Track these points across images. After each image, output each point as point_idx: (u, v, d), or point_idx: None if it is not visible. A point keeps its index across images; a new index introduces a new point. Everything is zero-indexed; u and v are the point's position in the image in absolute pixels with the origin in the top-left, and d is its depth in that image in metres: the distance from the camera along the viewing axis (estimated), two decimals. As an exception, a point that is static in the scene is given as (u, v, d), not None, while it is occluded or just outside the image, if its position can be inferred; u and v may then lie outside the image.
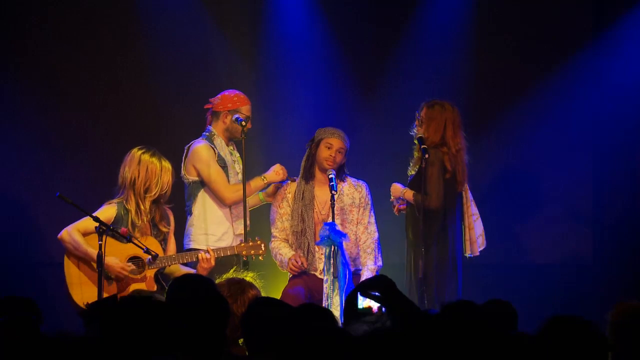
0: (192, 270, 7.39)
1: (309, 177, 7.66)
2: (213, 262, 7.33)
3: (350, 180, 7.73)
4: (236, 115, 7.62)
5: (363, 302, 3.87)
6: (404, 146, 7.88)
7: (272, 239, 7.70)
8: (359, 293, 3.79)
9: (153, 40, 9.12)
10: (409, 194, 7.51)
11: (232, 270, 6.98)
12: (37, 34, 9.04)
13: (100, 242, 6.79)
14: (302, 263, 7.48)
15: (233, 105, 7.67)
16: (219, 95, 7.73)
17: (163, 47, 9.12)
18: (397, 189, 7.61)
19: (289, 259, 7.52)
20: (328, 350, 3.27)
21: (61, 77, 9.05)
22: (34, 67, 9.04)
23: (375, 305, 3.82)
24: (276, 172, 7.69)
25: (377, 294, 3.66)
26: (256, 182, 7.66)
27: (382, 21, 9.46)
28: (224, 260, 7.42)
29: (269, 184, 7.74)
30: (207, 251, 7.34)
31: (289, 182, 7.73)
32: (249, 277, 5.95)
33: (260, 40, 9.36)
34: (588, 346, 3.43)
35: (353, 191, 7.69)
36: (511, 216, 9.45)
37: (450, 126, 7.56)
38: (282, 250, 7.62)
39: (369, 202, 7.72)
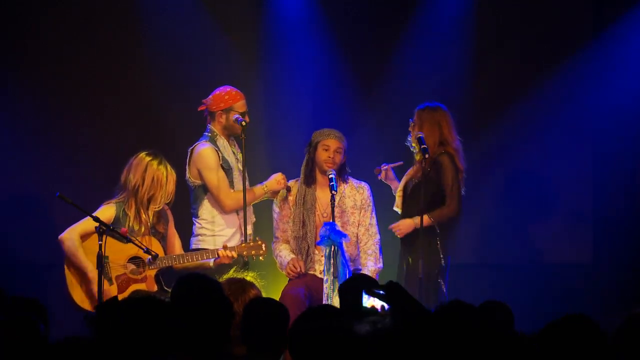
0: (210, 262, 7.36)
1: (310, 181, 7.64)
2: (235, 255, 7.32)
3: (352, 181, 7.72)
4: (236, 116, 7.59)
5: (367, 301, 3.87)
6: (404, 147, 7.87)
7: (274, 240, 7.74)
8: (363, 291, 3.79)
9: (154, 40, 9.12)
10: (426, 218, 7.44)
11: (232, 271, 6.98)
12: (37, 34, 9.04)
13: (100, 242, 6.78)
14: (300, 268, 7.50)
15: (225, 103, 7.62)
16: (211, 95, 7.67)
17: (164, 47, 9.11)
18: (408, 224, 7.51)
19: (288, 262, 7.54)
20: (329, 350, 3.27)
21: (61, 77, 9.05)
22: (34, 67, 9.03)
23: (379, 305, 3.81)
24: (277, 181, 7.66)
25: (381, 292, 3.66)
26: (258, 190, 7.65)
27: (383, 21, 9.46)
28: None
29: (270, 192, 7.75)
30: (224, 248, 7.32)
31: (290, 183, 7.73)
32: (249, 276, 5.95)
33: (260, 40, 9.36)
34: (592, 345, 3.42)
35: (355, 193, 7.68)
36: (511, 217, 9.44)
37: (445, 124, 7.57)
38: (283, 252, 7.65)
39: (371, 204, 7.71)
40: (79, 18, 9.06)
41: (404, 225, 7.52)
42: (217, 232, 7.62)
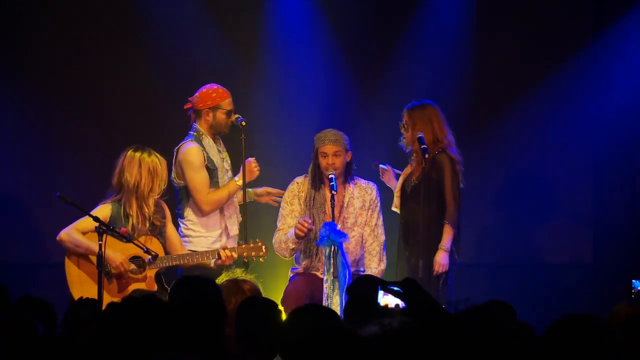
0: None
1: (317, 184, 7.59)
2: (236, 255, 7.31)
3: (360, 182, 7.68)
4: (239, 118, 7.56)
5: (381, 300, 3.85)
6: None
7: (277, 232, 7.64)
8: (379, 288, 3.77)
9: (154, 41, 9.12)
10: (448, 230, 7.46)
11: (224, 273, 6.99)
12: (37, 35, 9.04)
13: (100, 242, 6.77)
14: (308, 224, 7.32)
15: (213, 101, 7.56)
16: (197, 93, 7.59)
17: (164, 47, 9.12)
18: (442, 255, 7.45)
19: (297, 221, 7.40)
20: (330, 350, 3.27)
21: (62, 77, 9.05)
22: (34, 68, 9.04)
23: (393, 303, 3.79)
24: (251, 171, 7.57)
25: (398, 289, 3.64)
26: (231, 186, 7.54)
27: (383, 21, 9.46)
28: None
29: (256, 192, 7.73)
30: (224, 248, 7.31)
31: (299, 180, 7.67)
32: (237, 273, 5.98)
33: (260, 39, 9.35)
34: (599, 344, 3.40)
35: (364, 194, 7.64)
36: (511, 217, 9.45)
37: (435, 120, 7.56)
38: (288, 230, 7.55)
39: (378, 204, 7.67)
40: (79, 18, 9.07)
41: (441, 259, 7.44)
42: (203, 233, 7.58)
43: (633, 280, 6.98)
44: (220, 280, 5.49)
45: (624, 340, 4.00)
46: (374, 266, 7.59)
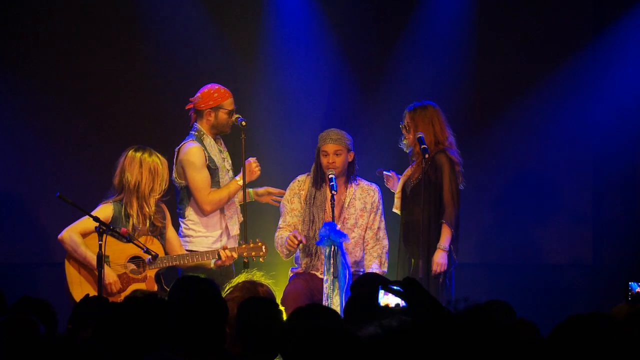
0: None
1: (319, 184, 7.60)
2: (236, 256, 7.32)
3: (362, 183, 7.68)
4: (239, 118, 7.56)
5: (382, 299, 3.85)
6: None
7: (278, 230, 7.66)
8: (380, 287, 3.77)
9: (154, 41, 9.12)
10: (447, 230, 7.44)
11: (243, 273, 6.98)
12: (37, 34, 9.04)
13: (100, 242, 6.77)
14: (299, 238, 7.37)
15: (215, 101, 7.57)
16: (198, 94, 7.60)
17: (164, 47, 9.12)
18: (441, 255, 7.43)
19: (288, 234, 7.45)
20: (329, 351, 3.26)
21: (62, 77, 9.05)
22: (34, 68, 9.03)
23: (393, 302, 3.79)
24: (251, 171, 7.56)
25: (399, 288, 3.64)
26: (232, 185, 7.54)
27: (383, 20, 9.46)
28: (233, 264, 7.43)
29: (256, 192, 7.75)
30: (224, 249, 7.32)
31: (301, 178, 7.68)
32: (256, 276, 5.99)
33: (260, 39, 9.36)
34: (609, 343, 3.40)
35: (365, 195, 7.64)
36: (511, 217, 9.45)
37: (437, 121, 7.55)
38: (285, 234, 7.56)
39: (380, 207, 7.66)
40: (80, 18, 9.06)
41: (440, 259, 7.43)
42: (204, 233, 7.58)
43: (630, 283, 6.97)
44: (238, 280, 5.51)
45: (624, 340, 3.99)
46: (375, 268, 7.58)
